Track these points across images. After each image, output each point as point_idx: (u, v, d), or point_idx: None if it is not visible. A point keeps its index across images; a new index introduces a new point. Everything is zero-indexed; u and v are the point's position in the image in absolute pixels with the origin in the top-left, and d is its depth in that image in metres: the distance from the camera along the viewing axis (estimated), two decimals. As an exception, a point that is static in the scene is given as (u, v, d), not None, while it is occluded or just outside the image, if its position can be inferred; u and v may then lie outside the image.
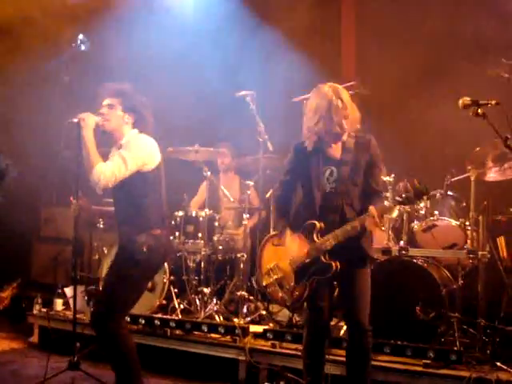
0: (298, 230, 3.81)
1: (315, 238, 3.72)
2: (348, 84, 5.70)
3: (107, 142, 4.16)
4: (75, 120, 4.02)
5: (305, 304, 3.93)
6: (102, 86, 4.15)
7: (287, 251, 3.84)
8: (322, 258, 3.70)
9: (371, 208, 3.54)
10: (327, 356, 4.08)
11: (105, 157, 4.00)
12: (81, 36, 7.95)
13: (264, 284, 4.00)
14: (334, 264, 3.67)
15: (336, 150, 3.80)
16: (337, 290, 4.62)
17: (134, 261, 3.89)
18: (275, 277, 3.92)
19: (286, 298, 3.88)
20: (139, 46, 7.07)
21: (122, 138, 4.07)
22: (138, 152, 3.93)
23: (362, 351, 3.77)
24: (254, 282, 5.46)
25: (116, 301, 3.91)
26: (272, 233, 4.14)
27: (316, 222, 3.72)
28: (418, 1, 6.65)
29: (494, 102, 3.56)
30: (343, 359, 4.31)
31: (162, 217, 4.08)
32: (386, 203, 3.55)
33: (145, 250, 3.89)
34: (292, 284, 3.83)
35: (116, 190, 3.98)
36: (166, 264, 5.70)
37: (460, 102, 3.64)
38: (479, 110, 3.55)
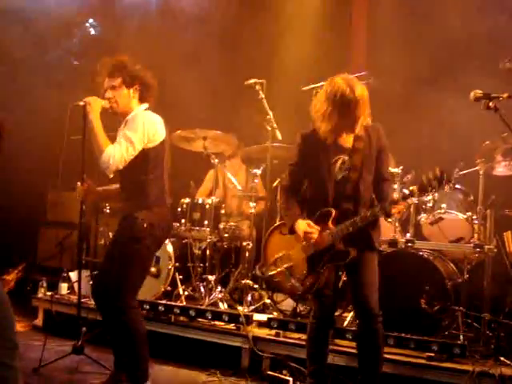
0: (311, 217, 3.79)
1: (330, 225, 3.70)
2: (358, 74, 5.69)
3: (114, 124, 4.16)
4: (81, 103, 4.00)
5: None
6: (100, 63, 4.11)
7: (299, 239, 3.79)
8: (338, 245, 3.69)
9: (398, 198, 3.61)
10: (330, 347, 4.09)
11: (112, 140, 3.99)
12: (91, 20, 7.97)
13: (270, 274, 3.98)
14: (351, 251, 3.67)
15: (347, 140, 3.78)
16: (342, 279, 4.66)
17: (136, 238, 3.87)
18: (285, 265, 3.89)
19: (296, 287, 3.85)
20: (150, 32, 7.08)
21: (129, 114, 4.05)
22: (143, 130, 3.89)
23: (372, 338, 3.74)
24: (257, 271, 5.45)
25: (120, 280, 3.86)
26: (278, 223, 4.12)
27: (332, 209, 3.70)
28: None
29: (505, 96, 3.54)
30: (347, 350, 4.36)
31: (163, 193, 4.05)
32: (395, 195, 3.55)
33: (145, 226, 3.87)
34: (304, 272, 3.80)
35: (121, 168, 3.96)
36: (171, 250, 5.71)
37: (471, 94, 3.62)
38: (490, 103, 3.53)
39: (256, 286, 5.61)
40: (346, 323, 4.89)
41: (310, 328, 3.96)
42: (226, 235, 6.00)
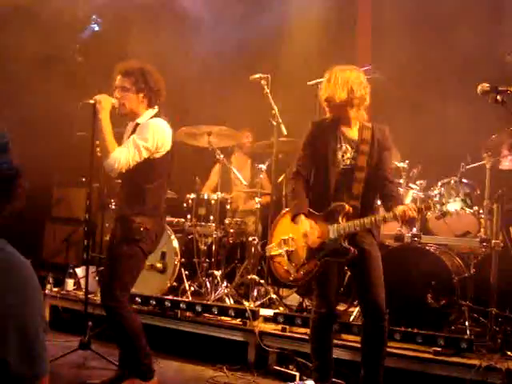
0: (315, 207, 3.82)
1: (340, 220, 3.71)
2: (363, 68, 5.67)
3: (122, 121, 4.16)
4: (91, 101, 4.00)
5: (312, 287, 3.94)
6: (115, 66, 4.13)
7: (305, 227, 3.81)
8: (342, 242, 3.70)
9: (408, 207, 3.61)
10: (336, 341, 4.10)
11: (118, 138, 3.99)
12: (94, 16, 7.96)
13: (271, 254, 3.99)
14: (352, 250, 3.67)
15: (353, 132, 3.85)
16: (347, 276, 4.66)
17: (133, 239, 3.92)
18: (286, 248, 3.91)
19: (290, 273, 3.87)
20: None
21: (138, 117, 4.08)
22: (152, 140, 3.93)
23: (379, 335, 3.77)
24: (259, 247, 5.45)
25: (115, 279, 3.94)
26: (287, 210, 4.11)
27: (345, 205, 3.72)
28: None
29: (513, 89, 3.52)
30: (352, 344, 4.36)
31: (160, 203, 4.10)
32: (401, 190, 3.55)
33: (142, 229, 3.92)
34: (302, 260, 3.82)
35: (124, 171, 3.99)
36: (177, 246, 5.71)
37: (479, 88, 3.61)
38: (498, 97, 3.52)
39: (262, 281, 5.60)
40: (352, 318, 4.89)
41: (313, 323, 3.97)
42: (232, 230, 6.01)
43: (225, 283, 5.69)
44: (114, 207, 6.36)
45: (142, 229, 3.92)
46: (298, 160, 3.95)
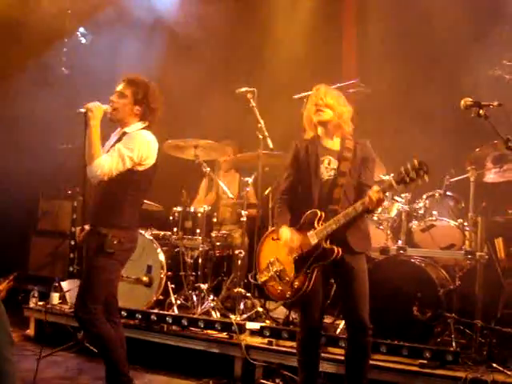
0: (297, 221, 3.84)
1: (316, 225, 3.73)
2: (349, 82, 5.72)
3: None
4: (82, 110, 4.00)
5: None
6: (121, 74, 4.16)
7: (286, 235, 3.83)
8: (324, 244, 3.71)
9: (373, 186, 3.62)
10: (322, 354, 4.10)
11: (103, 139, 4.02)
12: (82, 29, 7.97)
13: (262, 280, 3.99)
14: (335, 249, 3.69)
15: (334, 144, 3.92)
16: (333, 289, 4.67)
17: (107, 253, 3.91)
18: (275, 269, 3.92)
19: (285, 291, 3.86)
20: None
21: (127, 126, 4.08)
22: (137, 152, 3.93)
23: (362, 350, 3.78)
24: (250, 278, 5.45)
25: (87, 291, 3.94)
26: (270, 229, 4.14)
27: (317, 211, 3.75)
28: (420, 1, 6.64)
29: (496, 104, 3.57)
30: (339, 357, 4.35)
31: (135, 216, 4.10)
32: (386, 203, 3.57)
33: (115, 242, 3.91)
34: (292, 274, 3.82)
35: (103, 180, 3.97)
36: (163, 259, 5.69)
37: (462, 102, 3.65)
38: (481, 111, 3.56)
39: (248, 295, 5.60)
40: (338, 331, 4.89)
41: (299, 336, 3.97)
42: (218, 243, 6.00)
43: (211, 296, 5.67)
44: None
45: (115, 242, 3.91)
46: (283, 182, 4.00)
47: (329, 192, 3.80)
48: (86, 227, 4.09)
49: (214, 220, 6.05)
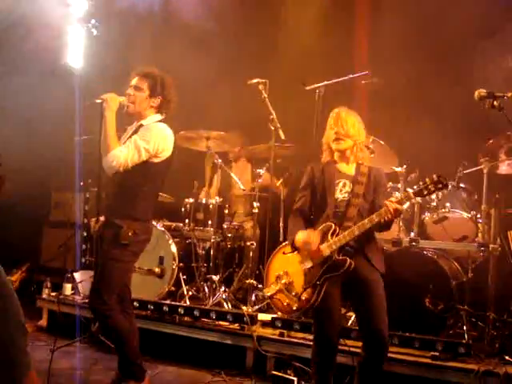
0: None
1: (329, 238, 3.71)
2: (361, 73, 5.69)
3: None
4: (98, 101, 4.01)
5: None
6: (135, 67, 4.17)
7: (298, 255, 3.82)
8: (335, 256, 3.68)
9: (388, 200, 3.62)
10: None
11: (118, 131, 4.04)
12: (93, 21, 7.97)
13: (269, 293, 3.93)
14: (348, 260, 3.64)
15: (349, 169, 3.95)
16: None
17: (122, 244, 3.93)
18: (283, 281, 3.86)
19: (292, 304, 3.80)
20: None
21: (144, 118, 4.09)
22: (154, 144, 3.95)
23: (379, 362, 3.71)
24: (259, 292, 5.49)
25: (102, 282, 3.97)
26: (282, 244, 4.11)
27: (331, 224, 3.72)
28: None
29: (510, 95, 3.53)
30: (351, 349, 4.29)
31: (150, 209, 4.11)
32: (398, 194, 3.56)
33: (130, 234, 3.92)
34: (302, 285, 3.76)
35: (119, 172, 3.99)
36: (175, 250, 5.71)
37: (476, 93, 3.62)
38: (495, 102, 3.53)
39: (260, 286, 5.60)
40: (350, 322, 4.89)
41: (314, 353, 3.85)
42: (230, 235, 6.01)
43: (223, 288, 5.69)
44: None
45: (130, 233, 3.92)
46: (297, 201, 4.00)
47: (343, 211, 3.79)
48: (101, 219, 4.10)
49: (226, 211, 6.05)
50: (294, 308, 3.82)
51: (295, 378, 4.38)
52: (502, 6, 6.00)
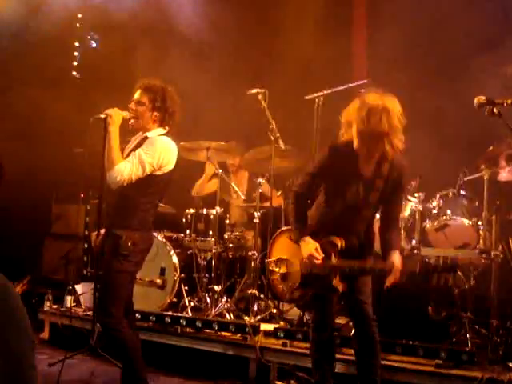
0: (317, 235, 3.78)
1: (333, 258, 3.70)
2: (359, 82, 5.70)
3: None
4: (102, 116, 4.02)
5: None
6: (139, 81, 4.17)
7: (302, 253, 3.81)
8: (333, 279, 3.71)
9: (396, 263, 3.60)
10: (336, 355, 4.10)
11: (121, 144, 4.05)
12: (91, 33, 8.01)
13: (270, 268, 4.03)
14: (340, 288, 3.71)
15: (369, 166, 3.67)
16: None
17: (122, 255, 3.92)
18: (282, 270, 3.93)
19: (284, 293, 3.92)
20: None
21: (148, 131, 4.09)
22: (158, 158, 3.95)
23: (370, 343, 3.77)
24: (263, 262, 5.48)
25: (107, 295, 3.98)
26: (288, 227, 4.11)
27: (338, 241, 3.70)
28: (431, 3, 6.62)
29: (509, 101, 3.53)
30: (353, 358, 4.30)
31: (150, 219, 4.11)
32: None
33: (130, 244, 3.92)
34: (296, 284, 3.83)
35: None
36: (176, 261, 5.70)
37: (475, 100, 3.62)
38: (494, 109, 3.53)
39: (262, 296, 5.59)
40: (353, 331, 4.87)
41: (313, 342, 3.98)
42: (231, 245, 6.00)
43: (225, 298, 5.67)
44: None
45: (129, 244, 3.92)
46: (302, 184, 3.85)
47: (350, 217, 3.75)
48: (102, 232, 4.10)
49: (227, 222, 6.05)
50: (287, 297, 3.97)
51: (298, 388, 4.38)
52: (499, 16, 6.03)
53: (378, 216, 4.06)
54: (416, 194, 5.27)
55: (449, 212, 5.23)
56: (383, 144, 3.53)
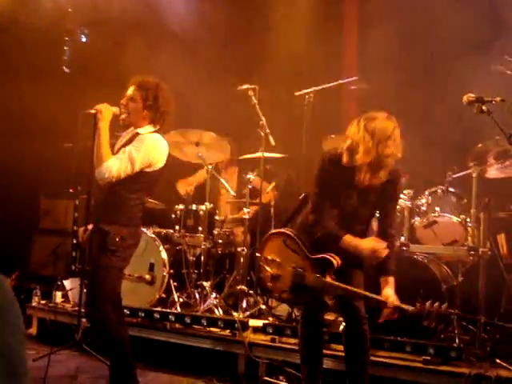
0: (316, 247, 3.80)
1: (328, 276, 3.70)
2: (350, 79, 5.72)
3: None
4: (92, 111, 4.00)
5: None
6: (133, 77, 4.16)
7: (298, 259, 3.83)
8: (325, 297, 3.82)
9: (390, 299, 3.68)
10: (325, 351, 4.12)
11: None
12: (82, 27, 7.96)
13: (261, 264, 4.02)
14: (330, 304, 3.85)
15: (365, 178, 3.67)
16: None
17: (110, 250, 3.92)
18: (273, 271, 3.91)
19: (273, 291, 3.95)
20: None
21: (138, 127, 4.08)
22: (148, 155, 3.94)
23: (360, 340, 3.79)
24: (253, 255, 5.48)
25: (96, 291, 3.96)
26: (284, 230, 4.08)
27: (334, 262, 3.68)
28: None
29: (498, 99, 3.56)
30: (342, 354, 4.32)
31: (138, 215, 4.10)
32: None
33: (117, 240, 3.91)
34: (286, 288, 3.85)
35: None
36: (165, 257, 5.69)
37: (464, 98, 3.64)
38: (483, 107, 3.55)
39: (251, 292, 5.60)
40: (341, 327, 4.88)
41: (301, 336, 4.02)
42: (221, 241, 5.99)
43: (214, 294, 5.67)
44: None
45: (117, 239, 3.91)
46: (313, 203, 3.83)
47: (347, 223, 3.78)
48: (89, 227, 4.09)
49: (216, 218, 6.04)
50: (276, 295, 4.00)
51: (287, 384, 4.39)
52: (488, 15, 6.05)
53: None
54: (405, 191, 5.28)
55: (437, 209, 5.26)
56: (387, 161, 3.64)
